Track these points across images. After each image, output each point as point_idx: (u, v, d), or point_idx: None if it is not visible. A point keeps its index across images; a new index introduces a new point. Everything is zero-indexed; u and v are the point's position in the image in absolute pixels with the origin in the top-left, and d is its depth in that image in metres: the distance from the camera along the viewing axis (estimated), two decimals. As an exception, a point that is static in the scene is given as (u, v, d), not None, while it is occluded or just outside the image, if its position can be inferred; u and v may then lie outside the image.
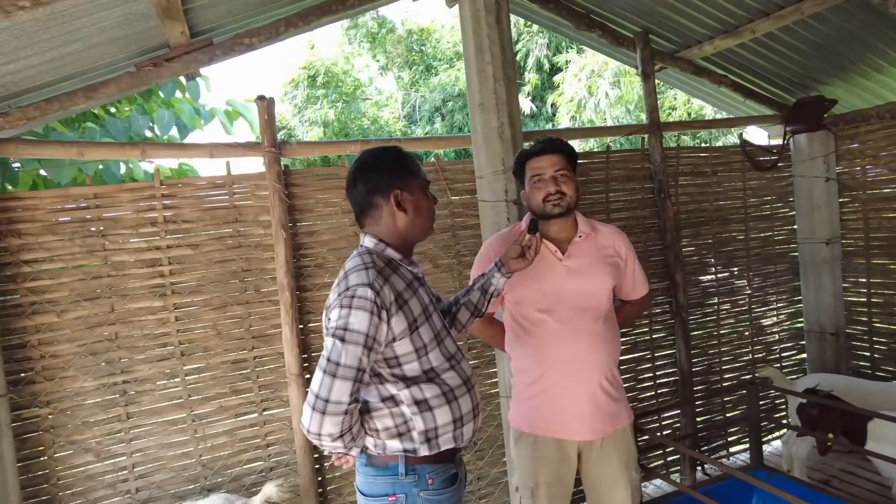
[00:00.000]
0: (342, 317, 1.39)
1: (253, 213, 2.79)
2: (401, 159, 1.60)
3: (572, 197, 1.96)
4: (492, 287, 1.86)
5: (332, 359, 1.38)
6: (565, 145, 2.01)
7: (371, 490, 1.53)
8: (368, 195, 1.57)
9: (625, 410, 2.06)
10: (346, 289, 1.42)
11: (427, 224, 1.63)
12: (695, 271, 3.74)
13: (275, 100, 2.73)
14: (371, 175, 1.57)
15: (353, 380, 1.37)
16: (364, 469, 1.55)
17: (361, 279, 1.42)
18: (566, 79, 10.31)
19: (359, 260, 1.50)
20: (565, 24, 3.43)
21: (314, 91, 11.63)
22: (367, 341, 1.39)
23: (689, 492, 2.32)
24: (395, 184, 1.55)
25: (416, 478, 1.50)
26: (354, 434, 1.44)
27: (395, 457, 1.51)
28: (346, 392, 1.36)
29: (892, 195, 3.64)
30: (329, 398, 1.36)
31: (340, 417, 1.37)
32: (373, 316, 1.39)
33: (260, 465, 2.82)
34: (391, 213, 1.56)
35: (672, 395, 3.62)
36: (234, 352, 2.78)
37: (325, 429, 1.37)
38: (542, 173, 1.96)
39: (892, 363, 3.71)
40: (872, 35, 3.12)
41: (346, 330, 1.38)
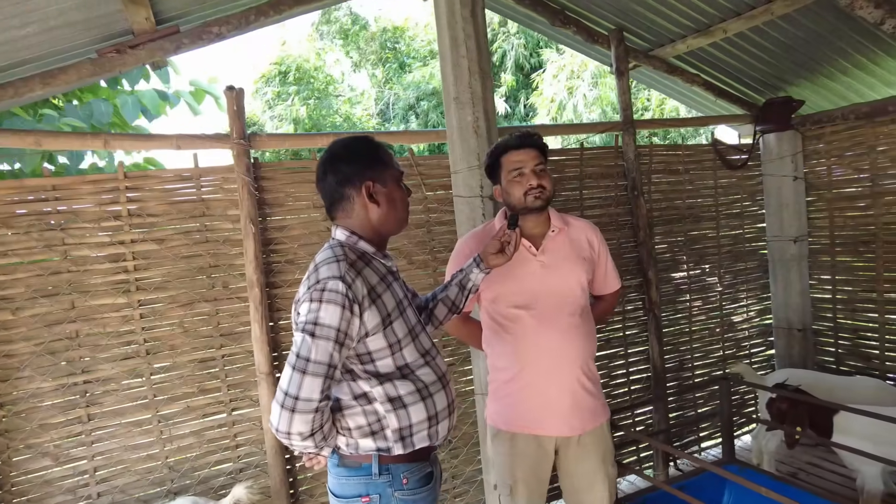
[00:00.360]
0: (312, 311, 1.34)
1: (221, 206, 2.70)
2: (372, 149, 1.55)
3: (550, 191, 1.97)
4: (470, 283, 1.82)
5: (301, 354, 1.32)
6: (541, 140, 2.01)
7: (343, 491, 1.49)
8: (339, 187, 1.51)
9: (602, 407, 2.06)
10: (316, 282, 1.37)
11: (401, 216, 1.59)
12: (667, 268, 3.78)
13: (244, 90, 2.65)
14: (341, 166, 1.52)
15: (323, 376, 1.32)
16: (336, 469, 1.50)
17: (332, 272, 1.37)
18: (545, 79, 10.37)
19: (330, 252, 1.45)
20: (540, 20, 3.42)
21: (285, 87, 11.45)
22: (339, 336, 1.34)
23: (663, 487, 2.32)
24: (367, 175, 1.50)
25: (390, 477, 1.46)
26: (326, 433, 1.39)
27: (369, 456, 1.46)
28: (317, 389, 1.31)
29: (856, 194, 3.72)
30: (299, 395, 1.31)
31: (311, 415, 1.32)
32: (344, 310, 1.34)
33: (229, 466, 2.74)
34: (363, 205, 1.51)
35: (645, 391, 3.64)
36: (202, 350, 2.69)
37: (295, 427, 1.31)
38: (522, 167, 1.95)
39: (854, 358, 3.80)
40: (839, 37, 3.18)
41: (317, 324, 1.33)
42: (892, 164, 3.52)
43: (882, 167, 3.57)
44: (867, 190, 3.65)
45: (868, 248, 3.66)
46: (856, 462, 2.78)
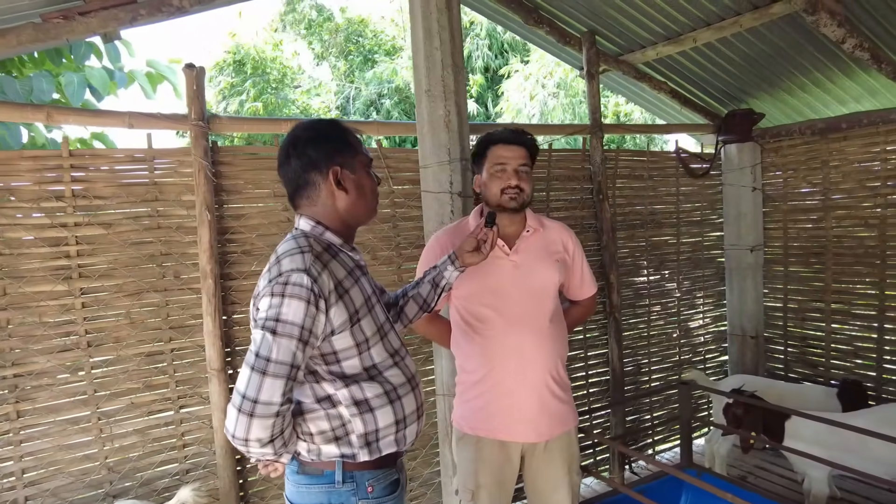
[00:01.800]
0: (273, 306, 1.23)
1: (175, 191, 2.55)
2: (340, 132, 1.44)
3: (529, 194, 1.93)
4: (444, 281, 1.75)
5: (261, 354, 1.21)
6: (532, 140, 1.97)
7: (303, 500, 1.38)
8: (304, 172, 1.39)
9: (571, 412, 2.02)
10: (278, 275, 1.26)
11: (370, 205, 1.48)
12: (628, 272, 3.80)
13: (204, 69, 2.50)
14: (307, 149, 1.39)
15: (285, 377, 1.21)
16: (295, 477, 1.39)
17: (296, 264, 1.26)
18: (510, 87, 10.43)
19: (293, 243, 1.33)
20: (514, 18, 3.39)
21: (240, 77, 11.12)
22: (303, 334, 1.23)
23: (625, 490, 2.32)
24: (335, 159, 1.39)
25: (354, 486, 1.36)
26: (286, 439, 1.28)
27: (332, 463, 1.36)
28: (278, 391, 1.20)
29: (809, 207, 3.84)
30: (258, 398, 1.19)
31: (271, 420, 1.20)
32: (309, 305, 1.24)
33: (175, 467, 2.59)
34: (330, 192, 1.39)
35: (603, 395, 3.66)
36: (149, 343, 2.53)
37: (254, 433, 1.20)
38: (505, 164, 1.90)
39: (802, 365, 3.92)
40: (800, 54, 3.27)
41: (279, 321, 1.22)
42: (843, 180, 3.65)
43: (834, 182, 3.69)
44: (819, 203, 3.78)
45: (819, 259, 3.79)
46: (804, 466, 2.85)
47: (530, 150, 1.95)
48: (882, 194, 3.45)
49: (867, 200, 3.53)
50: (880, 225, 3.47)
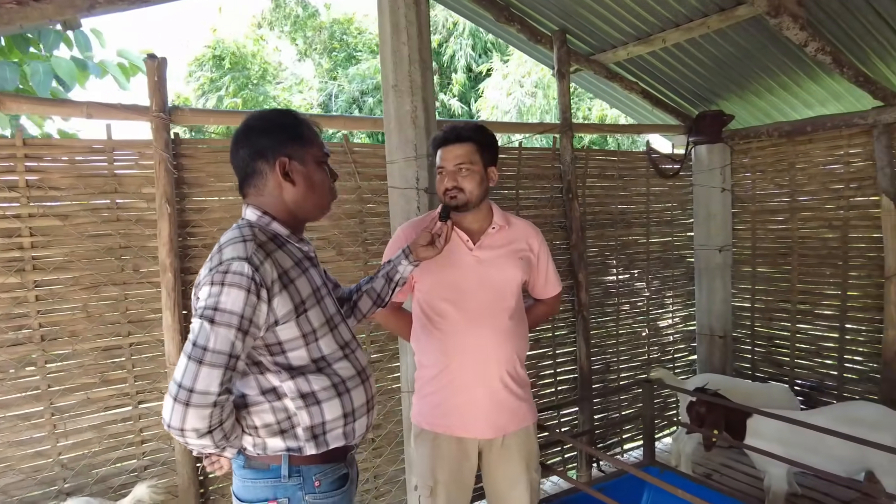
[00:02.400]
0: (212, 295, 1.22)
1: (135, 183, 2.50)
2: (292, 123, 1.41)
3: (472, 192, 1.88)
4: (398, 275, 1.74)
5: (198, 343, 1.19)
6: (474, 133, 1.91)
7: (249, 495, 1.36)
8: (251, 161, 1.38)
9: (529, 409, 2.02)
10: (218, 263, 1.24)
11: (320, 201, 1.45)
12: (597, 271, 3.82)
13: (166, 60, 2.46)
14: (256, 138, 1.38)
15: (223, 367, 1.19)
16: (241, 472, 1.38)
17: (237, 252, 1.25)
18: (490, 85, 10.45)
19: (237, 232, 1.32)
20: (486, 15, 3.39)
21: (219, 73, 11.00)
22: (242, 323, 1.22)
23: (583, 488, 2.32)
24: (283, 150, 1.37)
25: (300, 480, 1.35)
26: (227, 431, 1.26)
27: (278, 457, 1.35)
28: (215, 381, 1.18)
29: (777, 208, 3.89)
30: (194, 388, 1.17)
31: (208, 410, 1.19)
32: (249, 294, 1.22)
33: (132, 463, 2.54)
34: (277, 183, 1.37)
35: (571, 392, 3.67)
36: (107, 337, 2.48)
37: (189, 423, 1.18)
38: (444, 166, 1.90)
39: (768, 365, 3.97)
40: (767, 57, 3.31)
41: (217, 310, 1.20)
42: (808, 182, 3.70)
43: (799, 184, 3.75)
44: (786, 205, 3.83)
45: (785, 260, 3.84)
46: (764, 463, 2.89)
47: (475, 143, 1.90)
48: (845, 196, 3.51)
49: (831, 202, 3.59)
50: (843, 227, 3.53)
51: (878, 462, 2.67)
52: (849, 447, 2.57)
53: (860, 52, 3.02)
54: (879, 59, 3.05)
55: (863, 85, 3.06)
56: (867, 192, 3.39)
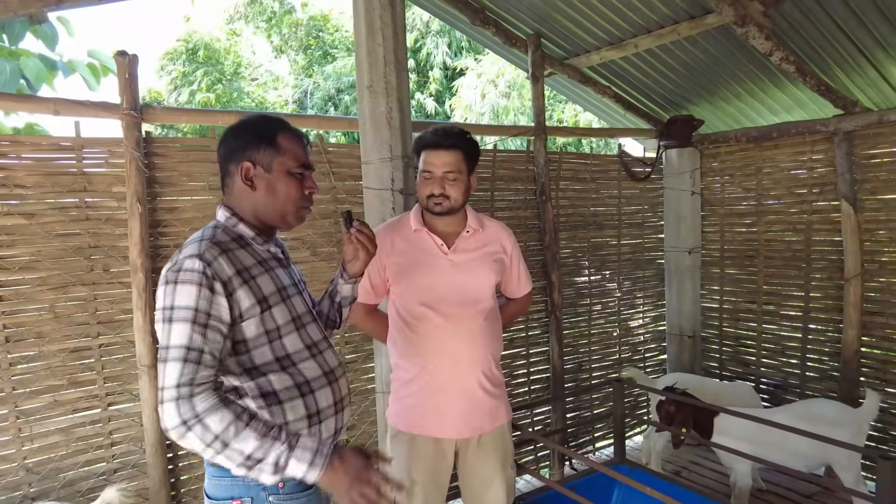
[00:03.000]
0: (167, 294, 1.25)
1: (105, 182, 2.47)
2: (266, 129, 1.41)
3: (457, 199, 1.91)
4: (338, 296, 1.66)
5: (161, 344, 1.23)
6: (463, 140, 1.93)
7: (215, 493, 1.37)
8: (224, 161, 1.43)
9: (504, 408, 2.06)
10: (174, 263, 1.28)
11: (282, 210, 1.41)
12: (570, 272, 3.88)
13: (138, 57, 2.43)
14: (230, 139, 1.42)
15: (181, 360, 1.19)
16: (210, 469, 1.39)
17: (192, 251, 1.28)
18: (464, 84, 10.48)
19: (199, 234, 1.36)
20: (461, 18, 3.41)
21: (192, 67, 10.83)
22: (198, 316, 1.23)
23: (555, 487, 2.36)
24: (247, 154, 1.39)
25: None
26: (216, 431, 1.19)
27: None
28: (174, 375, 1.19)
29: (744, 211, 3.99)
30: (163, 385, 1.20)
31: (172, 405, 1.19)
32: (201, 288, 1.24)
33: (102, 466, 2.51)
34: (240, 186, 1.40)
35: (544, 391, 3.72)
36: (76, 339, 2.44)
37: (165, 421, 1.19)
38: (431, 171, 1.90)
39: (736, 364, 4.08)
40: (735, 65, 3.40)
41: (172, 308, 1.23)
42: (774, 186, 3.81)
43: (766, 188, 3.85)
44: (753, 208, 3.93)
45: (752, 262, 3.94)
46: (730, 460, 2.97)
47: (464, 151, 1.92)
48: (808, 201, 3.61)
49: (795, 207, 3.69)
50: (806, 230, 3.64)
51: (836, 458, 2.77)
52: (810, 444, 2.66)
53: (822, 62, 3.12)
54: (840, 70, 3.16)
55: (825, 94, 3.17)
56: (828, 196, 3.50)
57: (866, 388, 3.02)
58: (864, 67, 3.09)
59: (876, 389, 3.04)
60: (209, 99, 10.35)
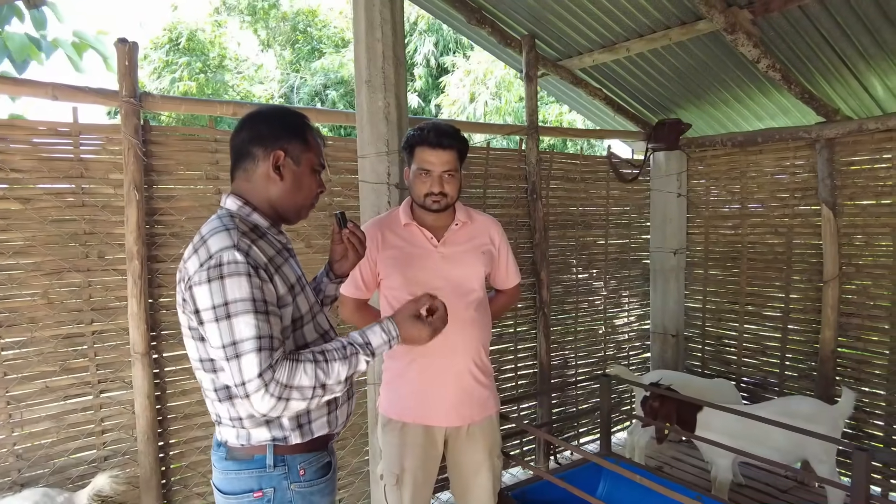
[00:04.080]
0: (216, 291, 1.21)
1: (102, 169, 2.46)
2: (301, 125, 1.43)
3: (453, 197, 1.97)
4: (321, 294, 1.68)
5: (226, 342, 1.21)
6: (460, 140, 1.98)
7: (233, 487, 1.36)
8: (249, 144, 1.38)
9: (493, 398, 2.10)
10: (208, 257, 1.23)
11: (302, 203, 1.44)
12: (558, 270, 3.94)
13: (137, 44, 2.43)
14: (261, 124, 1.40)
15: (256, 350, 1.20)
16: (223, 464, 1.37)
17: (224, 242, 1.24)
18: (452, 82, 10.52)
19: (218, 222, 1.31)
20: (457, 16, 3.45)
21: (175, 57, 10.72)
22: (257, 306, 1.22)
23: (546, 476, 2.41)
24: (282, 143, 1.38)
25: (286, 469, 1.35)
26: (307, 389, 1.26)
27: (262, 447, 1.34)
28: (254, 367, 1.20)
29: (728, 214, 4.10)
30: (244, 381, 1.20)
31: (260, 392, 1.21)
32: (251, 278, 1.22)
33: (92, 454, 2.50)
34: (265, 173, 1.37)
35: (531, 386, 3.78)
36: (69, 325, 2.43)
37: (259, 410, 1.23)
38: (430, 169, 1.93)
39: (717, 363, 4.18)
40: (723, 70, 3.49)
41: (227, 304, 1.20)
42: (758, 190, 3.91)
43: (749, 192, 3.95)
44: (737, 211, 4.03)
45: (735, 263, 4.04)
46: (712, 454, 3.05)
47: (459, 151, 1.96)
48: (790, 205, 3.72)
49: (777, 210, 3.80)
50: (787, 233, 3.75)
51: (813, 452, 2.86)
52: (788, 439, 2.76)
53: (806, 71, 3.22)
54: (823, 79, 3.26)
55: (808, 101, 3.27)
56: (809, 201, 3.61)
57: (842, 387, 3.13)
58: (845, 77, 3.20)
59: (851, 388, 3.15)
60: (190, 87, 10.26)
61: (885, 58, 2.96)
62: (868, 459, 1.94)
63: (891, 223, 3.28)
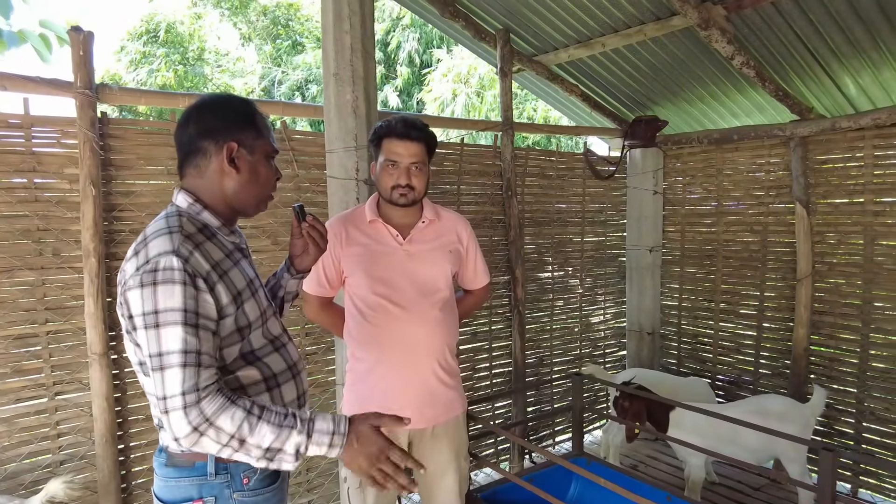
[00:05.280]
0: (147, 298, 1.15)
1: (57, 163, 2.37)
2: (249, 112, 1.36)
3: (420, 191, 1.93)
4: (282, 290, 1.62)
5: (152, 353, 1.15)
6: (428, 134, 1.94)
7: (172, 495, 1.30)
8: (198, 138, 1.31)
9: (458, 399, 2.06)
10: (145, 262, 1.17)
11: (260, 194, 1.38)
12: (534, 268, 3.91)
13: (93, 33, 2.34)
14: (209, 116, 1.32)
15: (181, 365, 1.13)
16: (163, 471, 1.31)
17: (163, 247, 1.18)
18: (434, 77, 10.46)
19: (163, 223, 1.24)
20: (431, 10, 3.39)
21: (153, 49, 10.54)
22: (187, 317, 1.15)
23: (513, 479, 2.38)
24: (234, 135, 1.31)
25: (228, 477, 1.30)
26: (229, 430, 1.16)
27: (204, 455, 1.28)
28: (177, 383, 1.13)
29: (704, 212, 4.09)
30: (165, 395, 1.14)
31: (180, 413, 1.14)
32: (186, 287, 1.16)
33: (47, 458, 2.42)
34: (219, 167, 1.31)
35: (506, 385, 3.75)
36: (21, 325, 2.34)
37: (176, 430, 1.14)
38: (398, 161, 1.89)
39: (693, 361, 4.18)
40: (699, 68, 3.47)
41: (157, 313, 1.14)
42: (734, 188, 3.91)
43: (726, 189, 3.95)
44: (713, 209, 4.03)
45: (710, 261, 4.04)
46: (685, 453, 3.04)
47: (427, 143, 1.93)
48: (765, 203, 3.72)
49: (753, 208, 3.80)
50: (762, 231, 3.75)
51: (784, 451, 2.86)
52: (759, 438, 2.75)
53: (780, 68, 3.22)
54: (797, 77, 3.26)
55: (782, 99, 3.27)
56: (784, 199, 3.61)
57: (814, 385, 3.13)
58: (818, 75, 3.20)
59: (823, 386, 3.16)
60: (168, 78, 10.09)
61: (858, 56, 2.96)
62: (834, 459, 1.93)
63: (863, 221, 3.28)
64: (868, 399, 3.27)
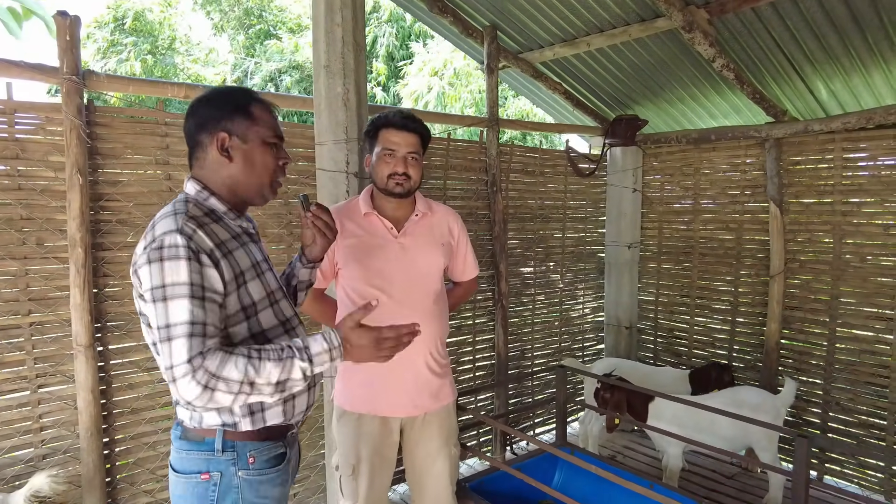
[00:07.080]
0: (154, 273, 1.21)
1: (41, 150, 2.32)
2: (241, 99, 1.39)
3: (416, 181, 1.97)
4: (295, 279, 1.68)
5: (160, 325, 1.20)
6: (424, 127, 2.00)
7: (183, 466, 1.36)
8: (195, 132, 1.38)
9: (449, 387, 2.10)
10: (152, 241, 1.24)
11: (258, 182, 1.40)
12: (517, 262, 3.97)
13: (80, 18, 2.29)
14: (202, 109, 1.38)
15: (187, 336, 1.18)
16: (178, 442, 1.38)
17: (168, 226, 1.24)
18: (411, 71, 10.45)
19: (170, 207, 1.32)
20: (419, 5, 3.41)
21: (121, 37, 10.28)
22: (193, 290, 1.21)
23: (503, 467, 2.43)
24: (223, 124, 1.35)
25: (234, 455, 1.35)
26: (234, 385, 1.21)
27: (213, 430, 1.34)
28: (183, 352, 1.18)
29: (681, 210, 4.20)
30: (172, 364, 1.19)
31: (187, 378, 1.19)
32: (190, 262, 1.22)
33: (29, 452, 2.37)
34: (215, 158, 1.36)
35: (488, 377, 3.80)
36: (3, 316, 2.29)
37: (185, 395, 1.20)
38: (395, 150, 1.92)
39: (669, 354, 4.29)
40: (680, 69, 3.56)
41: (164, 286, 1.20)
42: (710, 187, 4.02)
43: (702, 188, 4.06)
44: (690, 207, 4.14)
45: (687, 258, 4.15)
46: (663, 443, 3.13)
47: (422, 137, 1.98)
48: (740, 202, 3.84)
49: (728, 207, 3.92)
50: (738, 229, 3.87)
51: (757, 439, 2.98)
52: (735, 427, 2.86)
53: (758, 71, 3.32)
54: (773, 80, 3.37)
55: (758, 102, 3.38)
56: (758, 198, 3.73)
57: (785, 377, 3.26)
58: (793, 79, 3.31)
59: (793, 378, 3.29)
60: (133, 67, 9.87)
61: (830, 62, 3.08)
62: (808, 446, 2.03)
63: (832, 221, 3.42)
64: (834, 390, 3.42)
